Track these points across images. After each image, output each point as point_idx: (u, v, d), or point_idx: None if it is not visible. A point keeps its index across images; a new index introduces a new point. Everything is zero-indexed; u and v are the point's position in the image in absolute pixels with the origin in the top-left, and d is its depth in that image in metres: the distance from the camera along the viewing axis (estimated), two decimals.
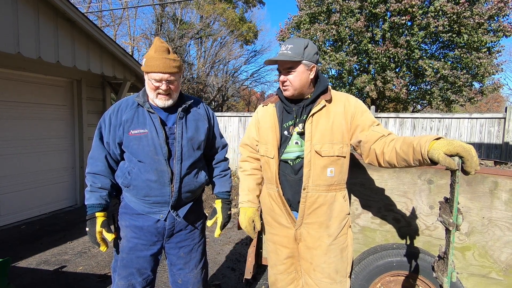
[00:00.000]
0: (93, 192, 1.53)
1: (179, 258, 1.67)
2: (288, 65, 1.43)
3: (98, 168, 1.55)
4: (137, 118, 1.53)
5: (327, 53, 9.90)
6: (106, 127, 1.56)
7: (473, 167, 1.03)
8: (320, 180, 1.45)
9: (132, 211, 1.58)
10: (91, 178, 1.55)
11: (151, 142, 1.50)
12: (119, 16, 16.40)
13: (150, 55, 1.47)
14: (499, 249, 1.74)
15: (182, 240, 1.66)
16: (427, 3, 9.04)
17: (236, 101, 22.79)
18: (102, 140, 1.57)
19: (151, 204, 1.55)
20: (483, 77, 9.12)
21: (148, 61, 1.46)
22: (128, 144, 1.51)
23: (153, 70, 1.45)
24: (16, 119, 4.18)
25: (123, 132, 1.52)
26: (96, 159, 1.56)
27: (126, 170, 1.54)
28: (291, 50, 1.41)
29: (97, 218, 1.51)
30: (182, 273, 1.70)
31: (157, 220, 1.57)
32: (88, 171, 1.56)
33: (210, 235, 3.97)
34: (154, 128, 1.51)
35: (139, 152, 1.50)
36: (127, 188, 1.54)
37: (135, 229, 1.57)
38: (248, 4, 20.04)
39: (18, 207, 4.23)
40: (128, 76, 5.13)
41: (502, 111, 6.19)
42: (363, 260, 1.84)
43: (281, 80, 1.48)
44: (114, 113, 1.55)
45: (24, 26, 3.42)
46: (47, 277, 2.83)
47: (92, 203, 1.52)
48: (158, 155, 1.50)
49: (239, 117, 7.81)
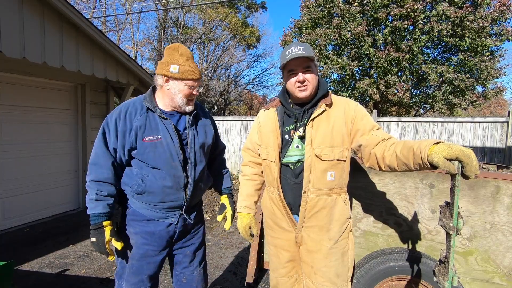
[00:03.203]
0: (100, 201, 1.47)
1: (185, 257, 1.70)
2: (308, 64, 1.44)
3: (105, 175, 1.48)
4: (149, 124, 1.51)
5: (329, 57, 9.93)
6: (111, 133, 1.50)
7: (473, 171, 1.03)
8: (321, 184, 1.45)
9: (142, 218, 1.55)
10: (96, 186, 1.48)
11: (167, 149, 1.50)
12: (123, 21, 16.58)
13: (183, 62, 1.50)
14: (502, 254, 1.73)
15: (189, 239, 1.70)
16: (429, 8, 9.06)
17: (238, 105, 22.86)
18: (107, 146, 1.51)
19: (165, 209, 1.56)
20: (486, 81, 9.09)
21: (183, 68, 1.49)
22: (143, 151, 1.49)
23: (190, 77, 1.50)
24: (21, 123, 4.22)
25: (136, 139, 1.49)
26: (102, 166, 1.49)
27: (138, 177, 1.51)
28: (305, 51, 1.41)
29: (105, 227, 1.47)
30: (187, 271, 1.72)
31: (168, 224, 1.57)
32: (92, 179, 1.49)
33: (212, 239, 3.97)
34: (168, 135, 1.51)
35: (156, 159, 1.49)
36: (139, 195, 1.52)
37: (146, 235, 1.55)
38: (251, 9, 20.19)
39: (21, 210, 4.26)
40: (131, 80, 5.18)
41: (505, 115, 6.16)
42: (364, 264, 1.84)
43: (299, 80, 1.43)
44: (121, 118, 1.50)
45: (30, 31, 3.48)
46: (50, 280, 2.84)
47: (99, 212, 1.46)
48: (175, 161, 1.52)
49: (241, 121, 7.84)
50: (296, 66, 1.44)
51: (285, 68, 1.48)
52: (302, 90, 1.45)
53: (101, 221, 1.47)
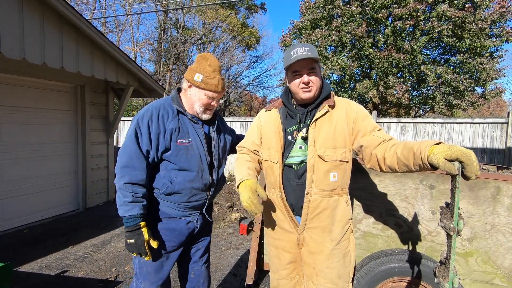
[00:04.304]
0: (136, 203, 1.49)
1: (198, 251, 1.79)
2: (313, 65, 1.44)
3: (139, 177, 1.49)
4: (182, 127, 1.57)
5: (329, 58, 9.95)
6: (144, 135, 1.51)
7: (473, 172, 1.03)
8: (323, 185, 1.45)
9: (164, 215, 1.62)
10: (131, 188, 1.48)
11: (197, 152, 1.58)
12: (123, 22, 16.61)
13: (208, 73, 1.56)
14: (502, 255, 1.73)
15: (202, 235, 1.80)
16: (429, 9, 9.08)
17: (238, 106, 22.87)
18: (141, 148, 1.51)
19: (188, 208, 1.64)
20: (486, 82, 9.11)
21: (207, 79, 1.55)
22: (177, 153, 1.54)
23: (212, 89, 1.56)
24: (20, 124, 4.22)
25: (171, 141, 1.53)
26: (137, 168, 1.49)
27: (167, 179, 1.55)
28: (309, 52, 1.40)
29: (143, 228, 1.49)
30: (196, 266, 1.80)
31: (188, 222, 1.66)
32: (127, 181, 1.48)
33: (212, 240, 3.96)
34: (198, 139, 1.60)
35: (188, 161, 1.56)
36: (167, 195, 1.58)
37: (167, 232, 1.62)
38: (250, 10, 20.23)
39: (21, 211, 4.25)
40: (131, 81, 5.18)
41: (504, 116, 6.16)
42: (365, 265, 1.83)
43: (303, 82, 1.43)
44: (153, 120, 1.52)
45: (30, 32, 3.48)
46: (49, 281, 2.83)
47: (136, 213, 1.48)
48: (203, 164, 1.61)
49: (241, 122, 7.84)
50: (301, 68, 1.44)
51: (290, 68, 1.47)
52: (306, 91, 1.45)
53: (138, 223, 1.49)
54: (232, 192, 6.29)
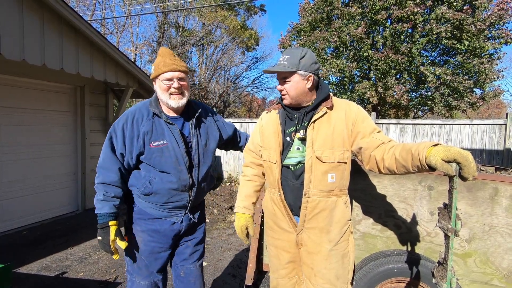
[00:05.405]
0: (107, 202, 1.54)
1: (186, 248, 1.78)
2: (283, 75, 1.48)
3: (111, 178, 1.55)
4: (156, 129, 1.56)
5: (328, 60, 9.96)
6: (118, 138, 1.55)
7: (471, 173, 1.04)
8: (321, 186, 1.46)
9: (148, 216, 1.63)
10: (103, 188, 1.54)
11: (173, 153, 1.56)
12: (122, 23, 16.61)
13: (157, 60, 1.54)
14: (501, 256, 1.74)
15: (192, 233, 1.79)
16: (428, 11, 9.11)
17: (237, 107, 22.87)
18: (114, 151, 1.56)
19: (170, 209, 1.63)
20: (484, 83, 9.13)
21: (156, 65, 1.53)
22: (150, 156, 1.55)
23: (163, 70, 1.51)
24: (20, 125, 4.22)
25: (144, 144, 1.54)
26: (109, 169, 1.55)
27: (146, 179, 1.57)
28: (287, 61, 1.45)
29: (111, 227, 1.53)
30: (185, 264, 1.78)
31: (173, 223, 1.65)
32: (100, 181, 1.55)
33: (211, 241, 3.97)
34: (174, 139, 1.57)
35: (162, 163, 1.55)
36: (146, 196, 1.59)
37: (152, 233, 1.63)
38: (250, 11, 20.26)
39: (20, 212, 4.25)
40: (131, 82, 5.19)
41: (503, 117, 6.19)
42: (364, 266, 1.84)
43: (278, 89, 1.53)
44: (128, 124, 1.55)
45: (29, 33, 3.48)
46: (48, 283, 2.83)
47: (105, 212, 1.53)
48: (181, 165, 1.58)
49: (241, 123, 7.84)
50: (277, 76, 1.52)
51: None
52: (283, 98, 1.53)
53: (107, 221, 1.53)
54: (232, 194, 6.29)
